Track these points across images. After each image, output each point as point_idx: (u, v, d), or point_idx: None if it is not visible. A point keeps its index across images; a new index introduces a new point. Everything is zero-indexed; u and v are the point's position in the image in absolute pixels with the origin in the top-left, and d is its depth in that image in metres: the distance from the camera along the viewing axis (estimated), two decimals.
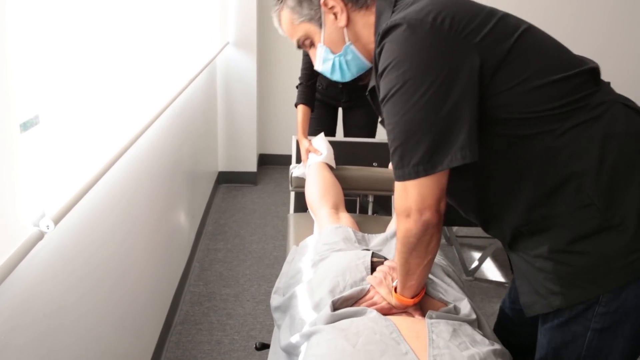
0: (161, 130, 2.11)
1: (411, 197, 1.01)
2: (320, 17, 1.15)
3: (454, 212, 1.22)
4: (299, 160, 2.30)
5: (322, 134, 2.29)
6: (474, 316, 1.22)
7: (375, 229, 1.82)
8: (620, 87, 1.15)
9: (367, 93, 1.19)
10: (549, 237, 1.06)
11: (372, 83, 1.16)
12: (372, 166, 2.36)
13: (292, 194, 2.36)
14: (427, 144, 0.97)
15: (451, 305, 1.23)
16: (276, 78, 4.08)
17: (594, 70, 1.05)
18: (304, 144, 2.23)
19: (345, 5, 1.13)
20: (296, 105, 2.34)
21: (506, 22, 1.03)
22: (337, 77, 1.22)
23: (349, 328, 1.08)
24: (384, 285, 1.23)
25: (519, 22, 1.06)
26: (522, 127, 1.01)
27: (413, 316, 1.20)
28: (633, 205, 1.00)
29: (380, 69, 1.02)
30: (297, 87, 2.36)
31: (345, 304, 1.23)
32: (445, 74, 0.97)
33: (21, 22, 0.99)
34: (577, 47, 1.17)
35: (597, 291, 1.03)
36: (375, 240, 1.65)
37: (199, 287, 2.60)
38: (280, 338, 1.28)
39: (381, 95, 1.02)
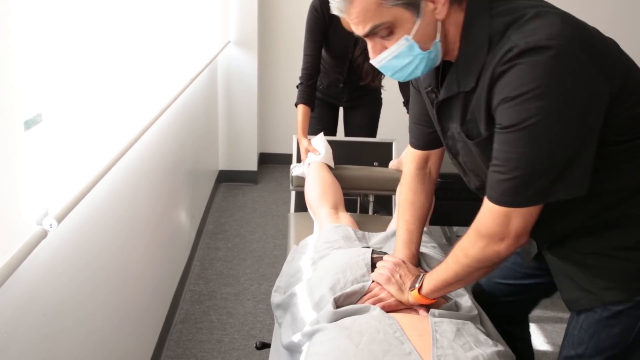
0: (162, 129, 2.11)
1: (514, 224, 0.99)
2: (419, 5, 0.98)
3: (453, 212, 1.22)
4: (299, 160, 2.30)
5: (322, 134, 2.30)
6: (475, 312, 1.23)
7: (376, 228, 1.82)
8: None
9: (438, 100, 1.10)
10: (612, 237, 1.07)
11: (447, 93, 1.07)
12: (373, 166, 2.36)
13: (293, 194, 2.36)
14: (551, 176, 0.95)
15: (452, 301, 1.24)
16: (277, 77, 4.08)
17: None
18: (304, 144, 2.24)
19: None
20: (296, 105, 2.34)
21: (610, 44, 1.00)
22: (400, 75, 1.07)
23: (351, 327, 1.07)
24: (393, 282, 1.23)
25: (612, 41, 1.02)
26: (613, 148, 1.00)
27: (417, 312, 1.21)
28: None
29: (512, 92, 0.92)
30: (297, 86, 2.36)
31: (348, 301, 1.23)
32: (584, 109, 0.93)
33: (24, 21, 0.99)
34: None
35: None
36: (376, 238, 1.65)
37: (199, 286, 2.60)
38: (282, 336, 1.28)
39: (509, 121, 0.94)
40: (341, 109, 2.74)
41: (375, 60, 1.06)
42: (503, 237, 1.01)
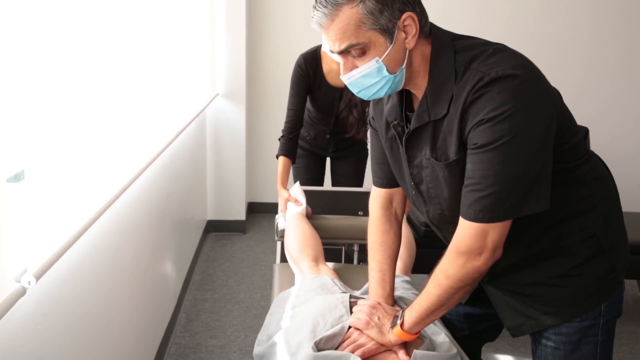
0: (149, 180, 2.14)
1: (491, 237, 1.07)
2: (394, 32, 1.08)
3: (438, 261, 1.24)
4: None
5: (298, 183, 2.34)
6: (454, 351, 1.25)
7: (361, 277, 1.83)
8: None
9: (409, 130, 1.17)
10: (547, 267, 1.19)
11: (418, 122, 1.15)
12: (358, 215, 2.38)
13: (278, 244, 2.37)
14: (524, 190, 1.05)
15: (427, 340, 1.24)
16: (264, 128, 4.15)
17: (587, 130, 1.23)
18: (283, 195, 2.26)
19: (418, 29, 1.10)
20: (277, 157, 2.40)
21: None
22: (365, 94, 1.15)
23: None
24: (372, 326, 1.23)
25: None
26: (553, 175, 1.10)
27: (396, 354, 1.21)
28: (618, 233, 1.24)
29: (486, 115, 1.03)
30: (279, 139, 2.41)
31: (329, 345, 1.22)
32: (545, 128, 1.05)
33: (5, 78, 1.03)
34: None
35: (588, 307, 1.18)
36: (360, 292, 1.65)
37: (184, 339, 2.56)
38: None
39: (485, 140, 1.04)
40: (328, 159, 2.80)
41: (345, 77, 1.14)
42: (481, 251, 1.08)
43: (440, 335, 1.28)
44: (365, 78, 1.11)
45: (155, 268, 2.31)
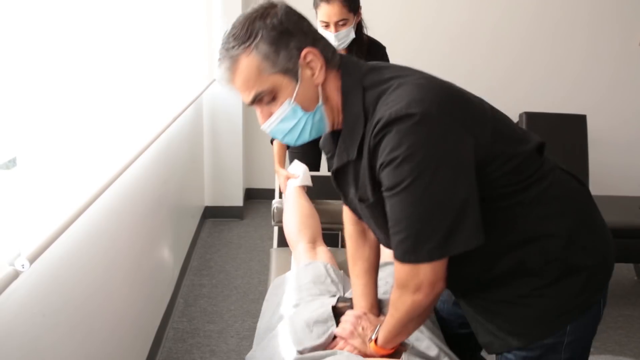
0: (145, 166, 2.13)
1: (423, 275, 1.02)
2: (297, 71, 1.05)
3: None
4: (282, 195, 2.33)
5: (296, 160, 2.35)
6: (434, 352, 1.24)
7: None
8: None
9: (333, 169, 1.15)
10: (515, 285, 1.13)
11: (339, 162, 1.12)
12: None
13: (276, 229, 2.37)
14: (443, 230, 0.99)
15: (410, 345, 1.25)
16: None
17: (542, 144, 1.13)
18: (282, 173, 2.28)
19: (324, 62, 1.07)
20: (272, 142, 2.41)
21: (479, 105, 1.09)
22: (290, 138, 1.12)
23: None
24: (356, 336, 1.24)
25: (478, 98, 1.11)
26: (495, 202, 1.06)
27: None
28: (593, 248, 1.14)
29: (385, 158, 0.99)
30: None
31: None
32: (455, 163, 0.99)
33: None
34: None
35: (554, 328, 1.12)
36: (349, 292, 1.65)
37: (182, 324, 2.57)
38: None
39: (389, 184, 1.00)
40: None
41: (265, 126, 1.11)
42: (418, 287, 1.04)
43: (423, 342, 1.27)
44: (284, 122, 1.08)
45: (152, 254, 2.31)
